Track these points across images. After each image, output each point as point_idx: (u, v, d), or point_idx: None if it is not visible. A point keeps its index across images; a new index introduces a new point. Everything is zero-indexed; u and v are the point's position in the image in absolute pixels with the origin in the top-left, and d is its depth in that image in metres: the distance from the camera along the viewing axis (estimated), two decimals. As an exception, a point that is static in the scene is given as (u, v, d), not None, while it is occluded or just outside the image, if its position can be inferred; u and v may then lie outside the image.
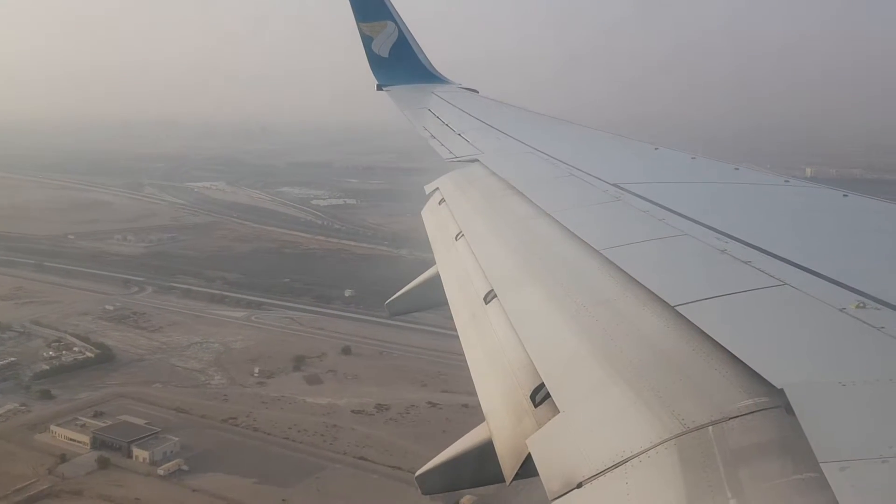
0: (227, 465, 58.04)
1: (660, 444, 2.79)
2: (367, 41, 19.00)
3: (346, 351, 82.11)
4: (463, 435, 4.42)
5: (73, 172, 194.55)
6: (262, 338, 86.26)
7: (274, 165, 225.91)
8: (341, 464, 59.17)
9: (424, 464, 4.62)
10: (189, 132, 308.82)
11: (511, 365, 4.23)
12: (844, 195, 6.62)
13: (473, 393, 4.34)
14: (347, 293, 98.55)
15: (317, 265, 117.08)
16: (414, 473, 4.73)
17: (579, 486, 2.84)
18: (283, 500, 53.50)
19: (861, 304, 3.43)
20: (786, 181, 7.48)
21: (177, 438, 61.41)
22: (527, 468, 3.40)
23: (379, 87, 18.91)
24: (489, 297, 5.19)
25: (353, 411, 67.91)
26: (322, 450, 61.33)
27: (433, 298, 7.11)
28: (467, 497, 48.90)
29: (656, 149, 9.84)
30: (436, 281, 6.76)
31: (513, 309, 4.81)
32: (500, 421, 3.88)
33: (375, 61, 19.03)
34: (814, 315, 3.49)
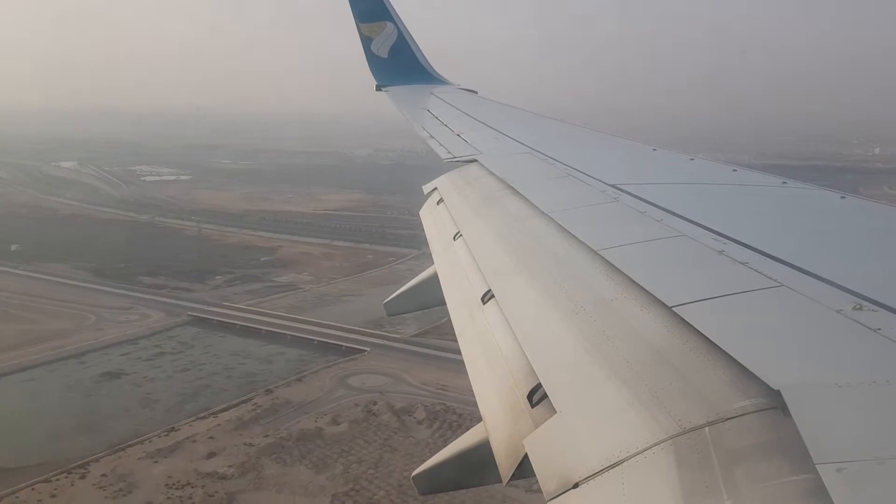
0: None
1: (656, 444, 2.79)
2: (366, 42, 19.00)
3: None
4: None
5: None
6: None
7: (165, 148, 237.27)
8: None
9: None
10: (134, 119, 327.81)
11: (508, 365, 4.22)
12: (842, 197, 6.62)
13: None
14: (13, 248, 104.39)
15: (32, 226, 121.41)
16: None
17: (576, 486, 2.84)
18: None
19: (858, 306, 3.43)
20: (783, 182, 7.48)
21: None
22: (523, 468, 3.39)
23: (378, 88, 18.91)
24: (487, 297, 5.18)
25: None
26: None
27: (431, 298, 7.10)
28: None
29: (654, 150, 9.85)
30: (434, 281, 6.75)
31: (510, 309, 4.80)
32: (497, 421, 3.87)
33: (375, 62, 19.03)
34: (811, 316, 3.48)
